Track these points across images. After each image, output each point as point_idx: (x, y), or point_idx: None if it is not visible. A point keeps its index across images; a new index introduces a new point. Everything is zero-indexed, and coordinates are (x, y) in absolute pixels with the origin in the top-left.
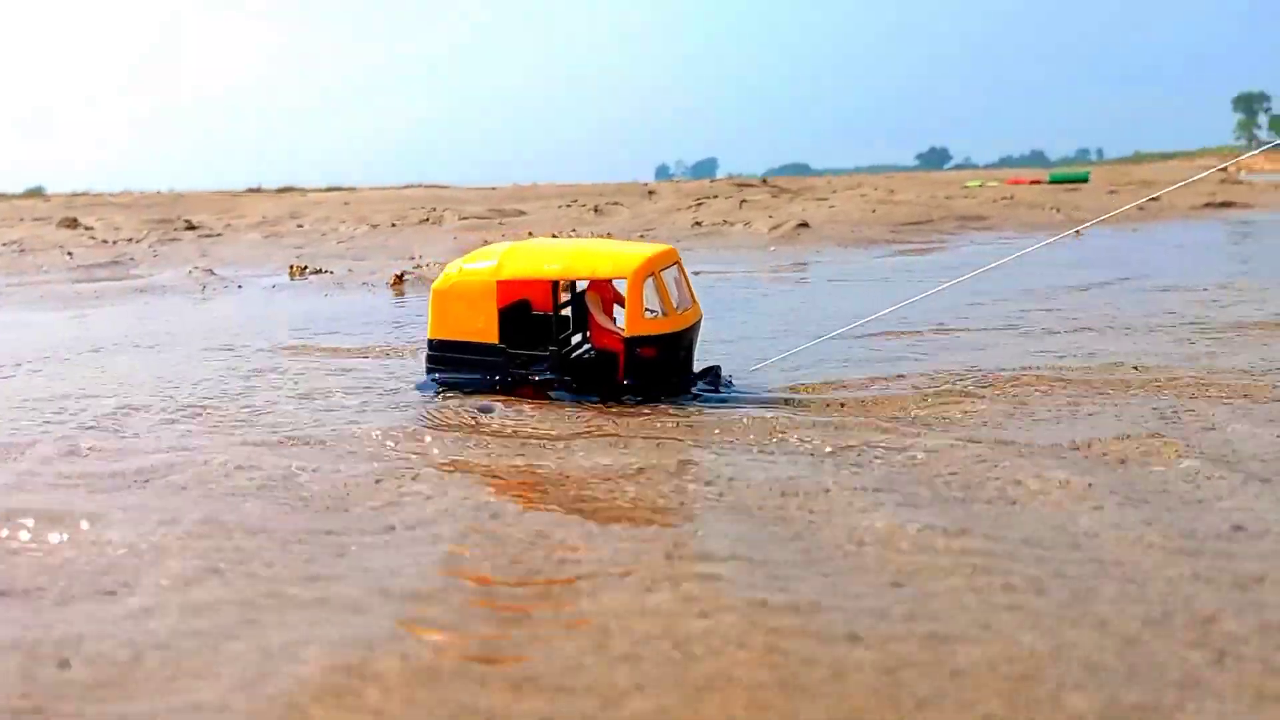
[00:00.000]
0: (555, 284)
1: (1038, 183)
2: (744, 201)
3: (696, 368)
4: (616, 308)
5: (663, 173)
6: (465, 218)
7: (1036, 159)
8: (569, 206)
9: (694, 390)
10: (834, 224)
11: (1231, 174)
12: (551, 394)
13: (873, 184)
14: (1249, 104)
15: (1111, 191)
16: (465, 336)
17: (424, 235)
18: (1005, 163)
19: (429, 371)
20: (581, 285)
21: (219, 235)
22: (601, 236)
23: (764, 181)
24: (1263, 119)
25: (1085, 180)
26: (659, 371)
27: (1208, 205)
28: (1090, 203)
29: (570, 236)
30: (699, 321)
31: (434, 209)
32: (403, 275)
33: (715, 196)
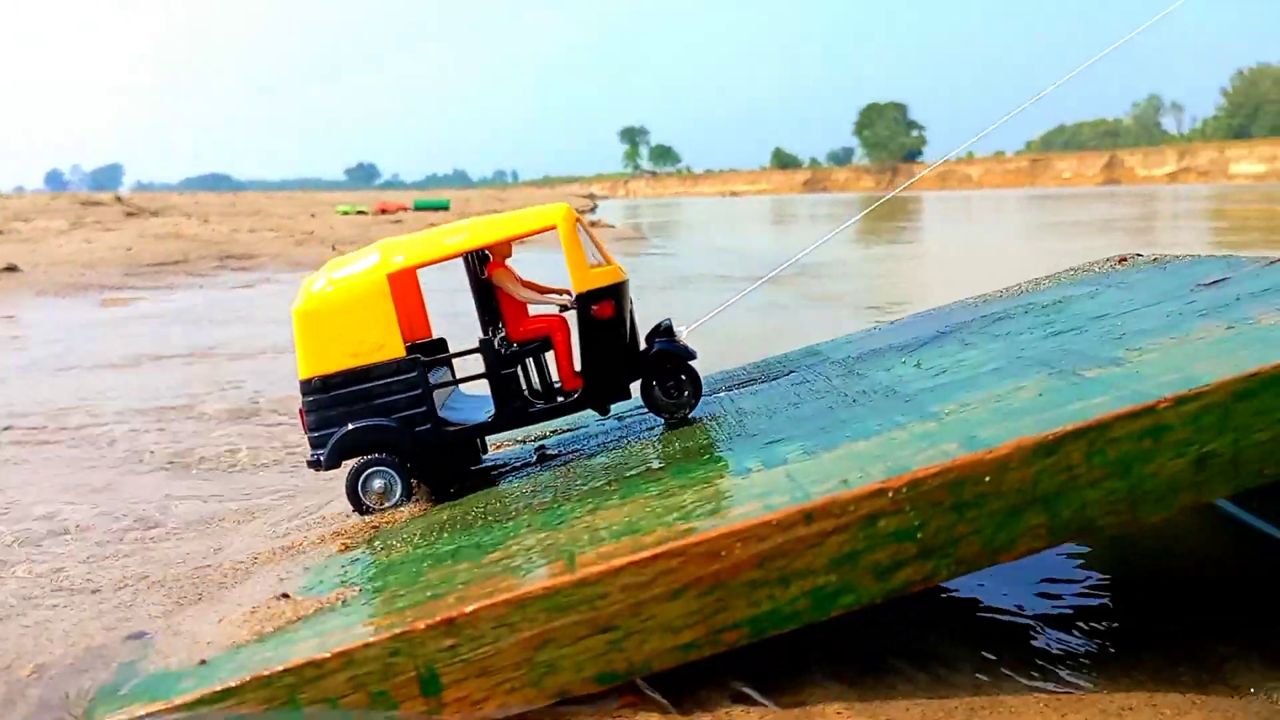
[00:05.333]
0: (468, 259)
1: (405, 209)
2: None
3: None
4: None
5: (54, 180)
6: None
7: (460, 178)
8: None
9: (658, 394)
10: (60, 266)
11: (591, 203)
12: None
13: (243, 203)
14: (632, 136)
15: (431, 224)
16: (358, 361)
17: None
18: (431, 181)
19: (316, 430)
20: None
21: None
22: None
23: (119, 199)
24: (644, 149)
25: (446, 208)
26: (616, 339)
27: None
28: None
29: None
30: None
31: None
32: None
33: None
